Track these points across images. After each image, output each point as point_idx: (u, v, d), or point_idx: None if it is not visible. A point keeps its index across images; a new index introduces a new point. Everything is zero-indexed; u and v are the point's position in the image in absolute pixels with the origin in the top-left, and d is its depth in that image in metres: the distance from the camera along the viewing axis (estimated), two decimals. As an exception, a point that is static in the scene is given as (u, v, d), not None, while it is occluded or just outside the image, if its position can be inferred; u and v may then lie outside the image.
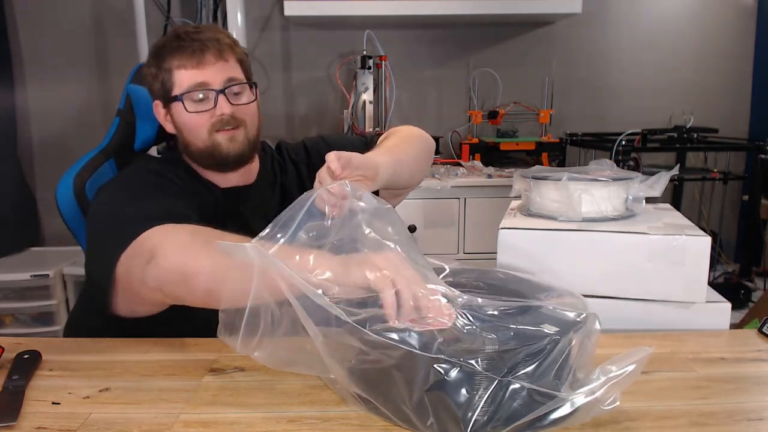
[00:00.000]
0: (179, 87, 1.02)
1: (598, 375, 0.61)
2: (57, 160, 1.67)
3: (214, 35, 1.03)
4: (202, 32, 1.03)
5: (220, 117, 1.02)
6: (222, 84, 1.02)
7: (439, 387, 0.59)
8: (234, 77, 1.04)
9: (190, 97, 1.02)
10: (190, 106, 1.02)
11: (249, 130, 1.06)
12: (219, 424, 0.66)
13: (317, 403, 0.70)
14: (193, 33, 1.02)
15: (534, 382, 0.58)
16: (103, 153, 1.22)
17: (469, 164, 2.47)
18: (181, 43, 1.02)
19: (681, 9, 2.68)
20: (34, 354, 0.81)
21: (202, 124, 1.03)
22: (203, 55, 1.01)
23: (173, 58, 1.02)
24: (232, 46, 1.05)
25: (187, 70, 1.01)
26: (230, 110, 1.03)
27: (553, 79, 2.58)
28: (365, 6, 2.31)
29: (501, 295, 0.68)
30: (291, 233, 0.70)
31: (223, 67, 1.03)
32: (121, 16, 2.53)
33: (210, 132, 1.03)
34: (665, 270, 0.95)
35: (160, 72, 1.04)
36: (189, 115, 1.03)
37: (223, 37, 1.04)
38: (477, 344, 0.59)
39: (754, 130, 2.72)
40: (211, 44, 1.02)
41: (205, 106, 1.02)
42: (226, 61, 1.03)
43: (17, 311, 2.29)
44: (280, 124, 2.72)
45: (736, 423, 0.67)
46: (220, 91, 1.02)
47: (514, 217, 1.09)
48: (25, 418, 0.67)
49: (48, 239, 2.63)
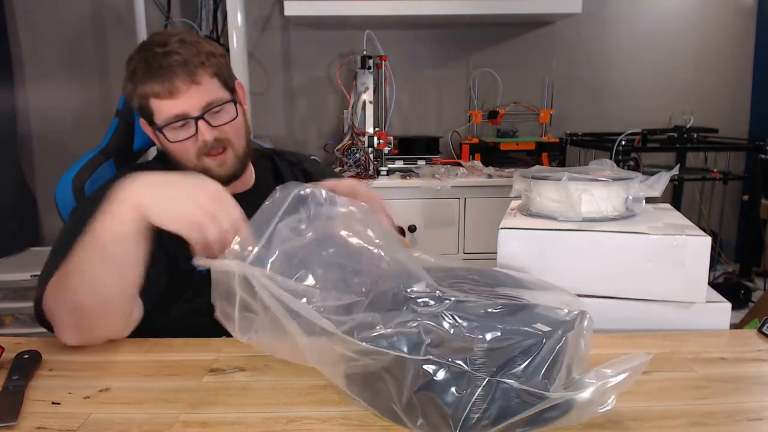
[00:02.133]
0: (158, 117, 1.00)
1: (593, 377, 0.61)
2: (57, 160, 1.67)
3: (182, 55, 0.98)
4: (169, 54, 0.97)
5: (204, 143, 1.01)
6: (199, 110, 1.00)
7: (427, 387, 0.59)
8: (210, 101, 1.00)
9: (171, 128, 1.00)
10: (171, 136, 1.01)
11: (236, 148, 1.05)
12: (219, 424, 0.66)
13: (317, 403, 0.70)
14: (160, 55, 0.98)
15: (524, 382, 0.58)
16: (102, 153, 1.22)
17: (469, 164, 2.47)
18: (150, 67, 0.98)
19: (681, 9, 2.68)
20: (34, 354, 0.81)
21: (187, 151, 1.02)
22: (173, 83, 0.97)
23: (145, 84, 0.99)
24: (203, 61, 1.00)
25: (162, 100, 0.99)
26: (212, 135, 1.01)
27: (553, 79, 2.58)
28: (365, 6, 2.31)
29: (493, 290, 0.68)
30: (270, 233, 0.70)
31: (197, 91, 0.99)
32: (121, 16, 2.54)
33: (198, 157, 1.03)
34: (665, 270, 0.95)
35: (136, 96, 1.02)
36: (173, 145, 1.02)
37: (192, 55, 0.99)
38: (465, 344, 0.59)
39: (754, 130, 2.72)
40: (179, 69, 0.97)
41: (186, 133, 1.01)
42: (198, 84, 0.99)
43: (17, 311, 2.28)
44: (280, 124, 2.72)
45: (736, 423, 0.67)
46: (198, 118, 0.99)
47: (514, 217, 1.09)
48: (25, 418, 0.67)
49: (48, 239, 2.63)
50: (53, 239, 0.96)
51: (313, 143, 2.74)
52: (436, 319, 0.61)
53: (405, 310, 0.64)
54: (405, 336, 0.60)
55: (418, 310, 0.63)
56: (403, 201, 2.26)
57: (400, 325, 0.61)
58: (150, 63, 0.98)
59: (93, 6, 2.59)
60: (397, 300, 0.65)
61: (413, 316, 0.62)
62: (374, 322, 0.62)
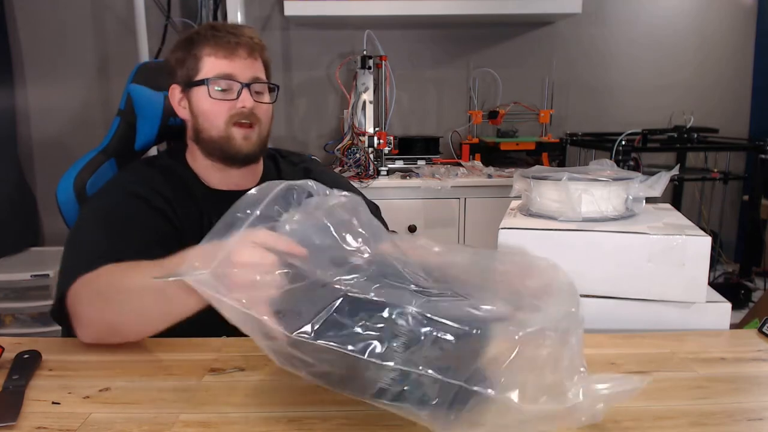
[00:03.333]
0: (206, 73, 1.05)
1: (579, 383, 0.59)
2: (57, 160, 1.67)
3: (249, 33, 1.08)
4: (238, 28, 1.07)
5: (241, 110, 1.04)
6: (248, 79, 1.05)
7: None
8: (260, 77, 1.08)
9: (216, 84, 1.04)
10: (213, 92, 1.04)
11: (262, 130, 1.09)
12: (219, 424, 0.66)
13: (317, 403, 0.70)
14: (230, 27, 1.07)
15: (446, 372, 0.57)
16: (103, 153, 1.22)
17: (469, 164, 2.47)
18: (217, 33, 1.05)
19: (681, 9, 2.68)
20: (34, 354, 0.81)
21: (221, 113, 1.05)
22: (236, 48, 1.05)
23: (206, 46, 1.05)
24: (263, 48, 1.10)
25: (217, 59, 1.04)
26: (251, 104, 1.05)
27: (553, 79, 2.58)
28: (365, 6, 2.31)
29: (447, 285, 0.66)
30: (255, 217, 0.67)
31: (252, 64, 1.06)
32: (121, 16, 2.54)
33: (227, 123, 1.05)
34: (665, 270, 0.95)
35: (188, 57, 1.06)
36: (210, 101, 1.04)
37: (257, 38, 1.09)
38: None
39: (754, 130, 2.72)
40: (244, 41, 1.06)
41: (228, 96, 1.05)
42: (255, 59, 1.07)
43: (17, 311, 2.28)
44: (280, 124, 2.72)
45: (736, 423, 0.67)
46: (245, 84, 1.05)
47: (514, 217, 1.09)
48: (25, 418, 0.67)
49: (48, 239, 2.63)
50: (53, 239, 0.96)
51: (313, 143, 2.74)
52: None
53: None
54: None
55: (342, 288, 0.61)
56: (403, 201, 2.26)
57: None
58: (218, 29, 1.06)
59: (93, 6, 2.59)
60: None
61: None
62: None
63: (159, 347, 0.87)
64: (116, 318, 0.82)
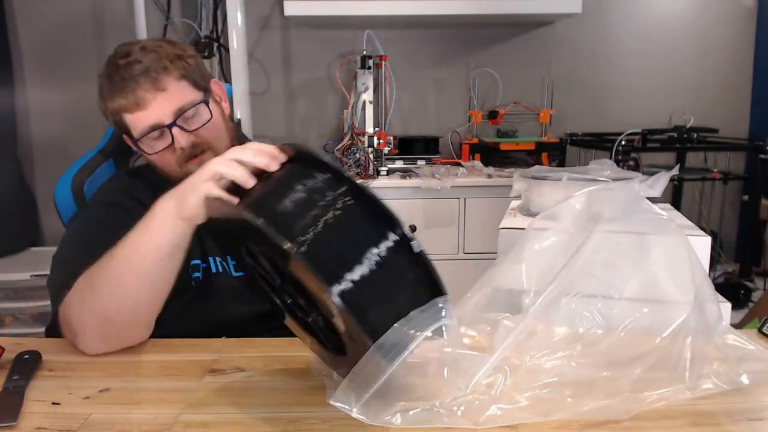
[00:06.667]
0: (133, 130, 0.98)
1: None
2: (57, 160, 1.67)
3: (143, 63, 0.95)
4: (131, 64, 0.95)
5: (182, 150, 0.98)
6: (171, 117, 0.96)
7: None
8: (180, 106, 0.97)
9: (147, 139, 0.98)
10: (148, 148, 0.99)
11: (217, 149, 0.99)
12: (219, 425, 0.66)
13: (317, 404, 0.70)
14: (122, 67, 0.96)
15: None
16: (101, 153, 1.22)
17: (469, 164, 2.47)
18: (113, 82, 0.97)
19: (681, 9, 2.68)
20: (34, 354, 0.81)
21: (169, 162, 1.00)
22: (137, 94, 0.95)
23: (113, 100, 0.98)
24: (166, 66, 0.97)
25: (132, 114, 0.97)
26: (188, 141, 0.98)
27: (553, 79, 2.58)
28: (365, 6, 2.31)
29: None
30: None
31: (164, 98, 0.96)
32: (121, 16, 2.53)
33: (180, 164, 1.00)
34: (665, 270, 0.95)
35: (109, 114, 1.01)
36: (153, 157, 1.01)
37: (153, 61, 0.96)
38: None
39: (754, 130, 2.72)
40: (142, 78, 0.95)
41: (164, 143, 0.98)
42: (164, 90, 0.96)
43: (17, 311, 2.28)
44: (280, 124, 2.72)
45: (736, 423, 0.67)
46: (170, 125, 0.96)
47: (514, 217, 1.09)
48: (25, 418, 0.67)
49: (48, 239, 2.63)
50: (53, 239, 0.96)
51: (313, 143, 2.74)
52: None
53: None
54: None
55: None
56: (403, 201, 2.26)
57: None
58: (113, 77, 0.97)
59: (93, 6, 2.59)
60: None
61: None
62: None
63: (159, 348, 0.87)
64: (106, 306, 0.80)
